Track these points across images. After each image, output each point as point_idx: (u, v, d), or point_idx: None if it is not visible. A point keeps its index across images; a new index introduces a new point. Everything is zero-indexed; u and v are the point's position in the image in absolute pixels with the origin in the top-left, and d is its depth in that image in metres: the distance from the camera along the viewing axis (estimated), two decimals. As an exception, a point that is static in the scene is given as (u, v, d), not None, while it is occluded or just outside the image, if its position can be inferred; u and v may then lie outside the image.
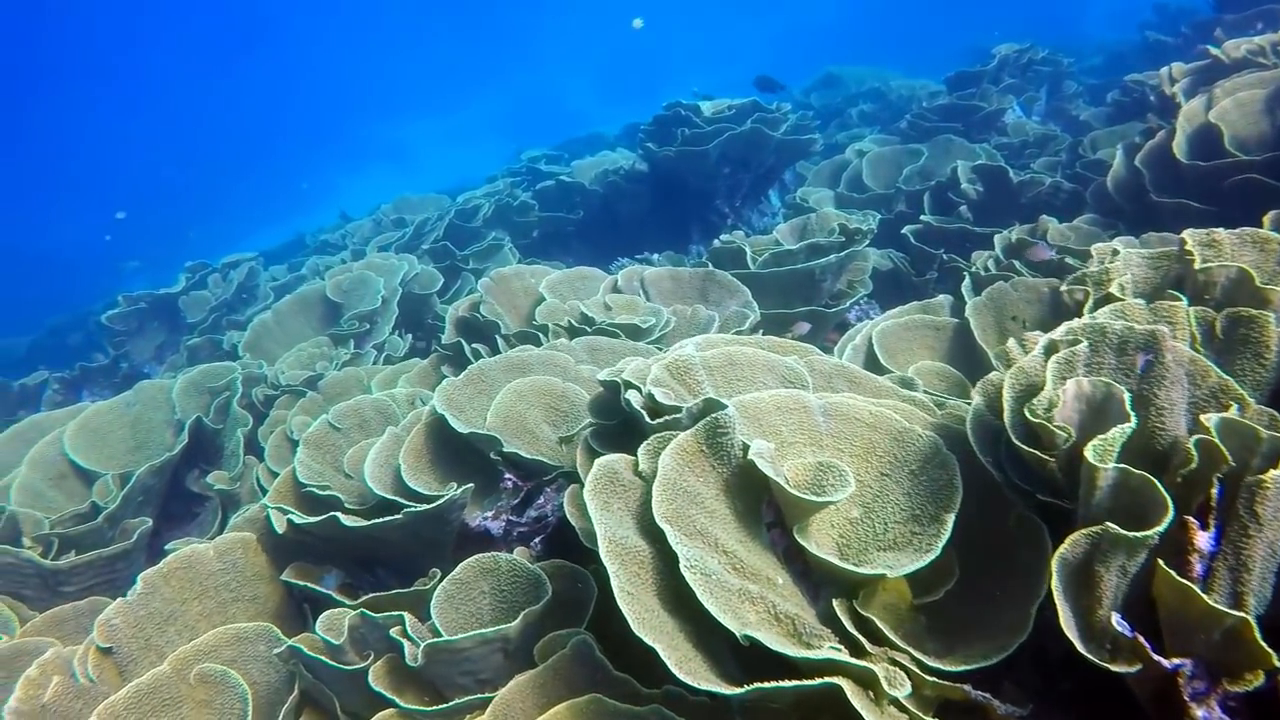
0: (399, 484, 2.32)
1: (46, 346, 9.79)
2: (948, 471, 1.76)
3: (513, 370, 2.60)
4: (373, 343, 3.95)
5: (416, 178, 18.34)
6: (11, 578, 2.87)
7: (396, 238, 5.58)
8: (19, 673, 2.53)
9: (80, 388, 6.35)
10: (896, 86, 9.31)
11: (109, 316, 5.99)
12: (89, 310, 10.06)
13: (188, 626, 2.29)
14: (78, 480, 3.63)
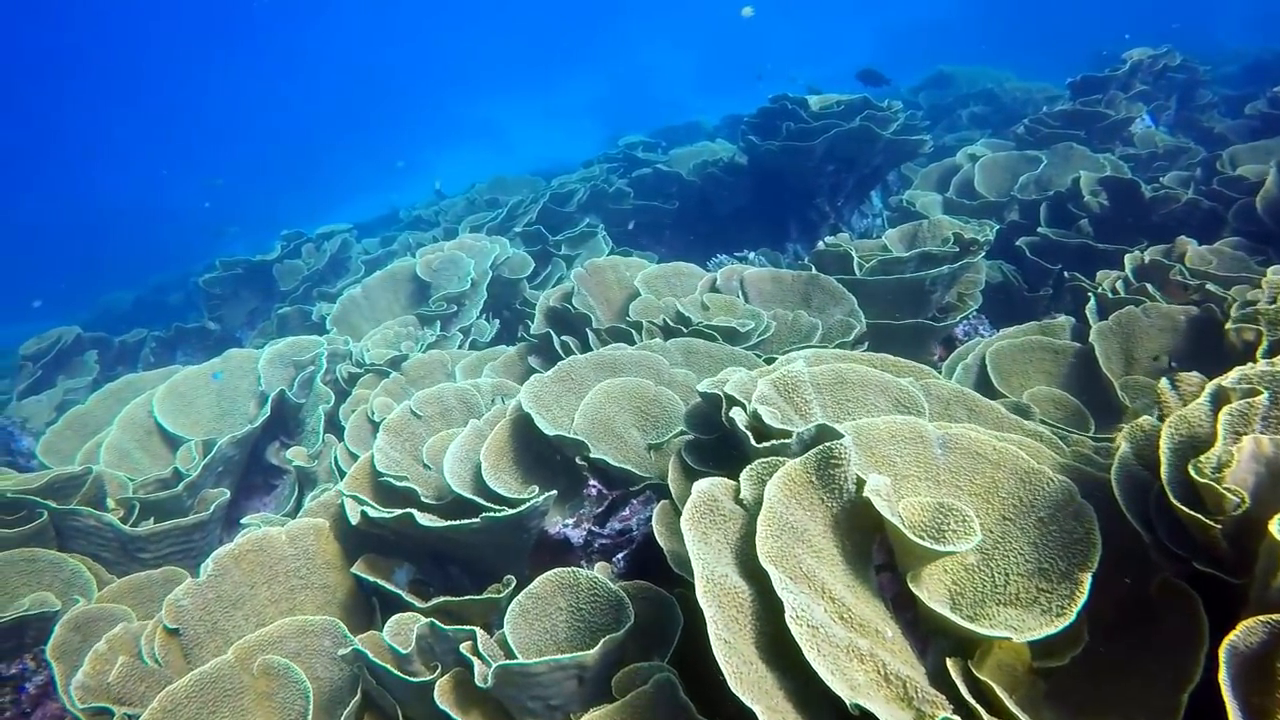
0: (478, 482, 2.22)
1: (150, 303, 10.08)
2: (1083, 524, 1.57)
3: (603, 369, 2.47)
4: (459, 325, 3.87)
5: (511, 157, 18.46)
6: (92, 540, 2.87)
7: (489, 218, 5.51)
8: (93, 638, 2.52)
9: (175, 348, 6.48)
10: (1011, 89, 8.90)
11: (205, 280, 6.08)
12: (190, 271, 10.35)
13: (255, 612, 2.22)
14: (163, 444, 3.64)
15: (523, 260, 4.39)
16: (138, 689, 1.93)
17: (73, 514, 2.78)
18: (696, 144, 7.37)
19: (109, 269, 15.53)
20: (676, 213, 6.01)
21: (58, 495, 2.86)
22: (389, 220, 9.84)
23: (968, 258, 3.52)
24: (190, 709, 1.85)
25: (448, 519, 2.29)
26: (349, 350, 3.72)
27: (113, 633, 2.09)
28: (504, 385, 2.79)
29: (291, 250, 6.26)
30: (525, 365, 3.15)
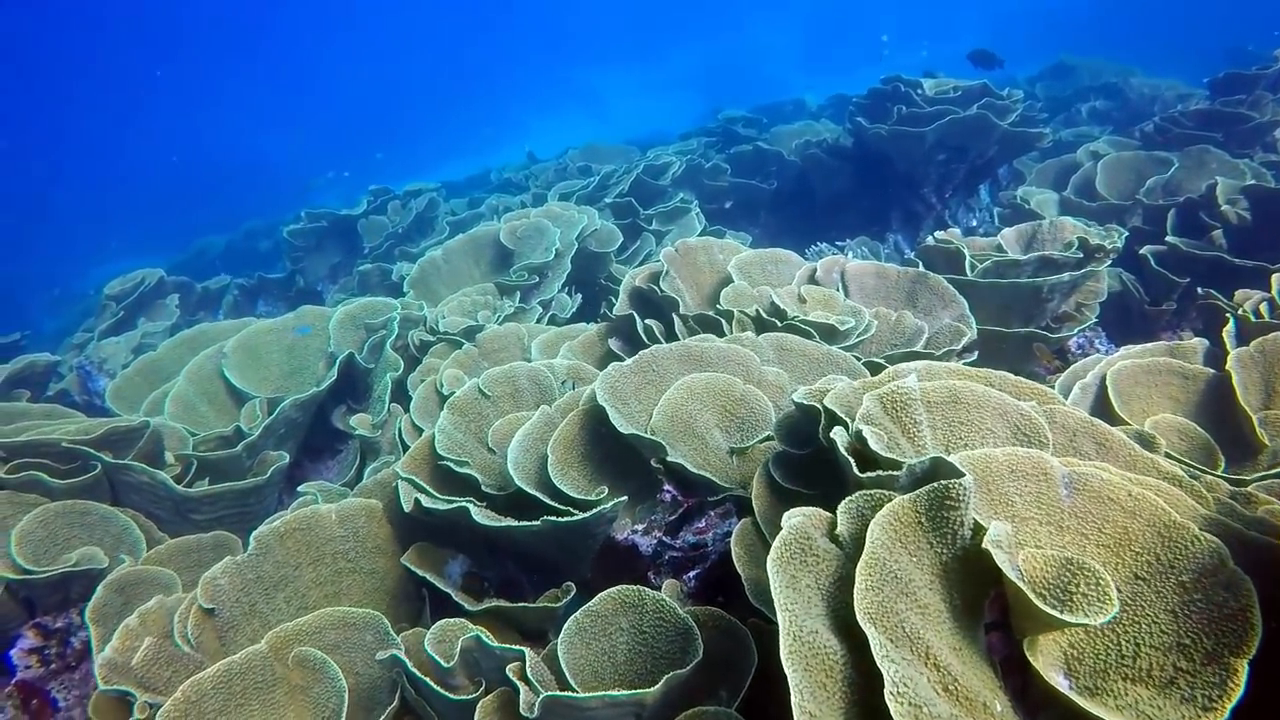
0: (543, 476, 2.02)
1: (240, 249, 10.20)
2: (1239, 598, 1.29)
3: (688, 362, 2.25)
4: (539, 298, 3.69)
5: (606, 125, 18.25)
6: (146, 496, 2.78)
7: (580, 186, 5.31)
8: (135, 600, 2.42)
9: (257, 297, 6.48)
10: (1138, 84, 8.31)
11: (290, 231, 6.04)
12: (280, 219, 10.43)
13: (297, 594, 2.08)
14: (230, 398, 3.55)
15: (611, 233, 4.18)
16: (163, 674, 1.80)
17: (126, 469, 2.69)
18: (799, 123, 7.05)
19: (207, 212, 15.86)
20: (774, 193, 5.73)
21: (115, 447, 2.78)
22: (480, 181, 9.74)
23: (1092, 265, 3.19)
24: (216, 701, 1.71)
25: (508, 512, 2.11)
26: (423, 316, 3.57)
27: (146, 607, 1.96)
28: (580, 369, 2.59)
29: (378, 206, 6.18)
30: (604, 348, 2.94)
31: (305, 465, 3.59)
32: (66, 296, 13.43)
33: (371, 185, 6.39)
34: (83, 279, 16.14)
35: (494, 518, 1.92)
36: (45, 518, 2.61)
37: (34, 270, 17.40)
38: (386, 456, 3.03)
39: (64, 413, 3.54)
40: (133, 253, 16.36)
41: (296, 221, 6.14)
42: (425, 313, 3.62)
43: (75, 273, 16.91)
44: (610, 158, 6.61)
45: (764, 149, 5.84)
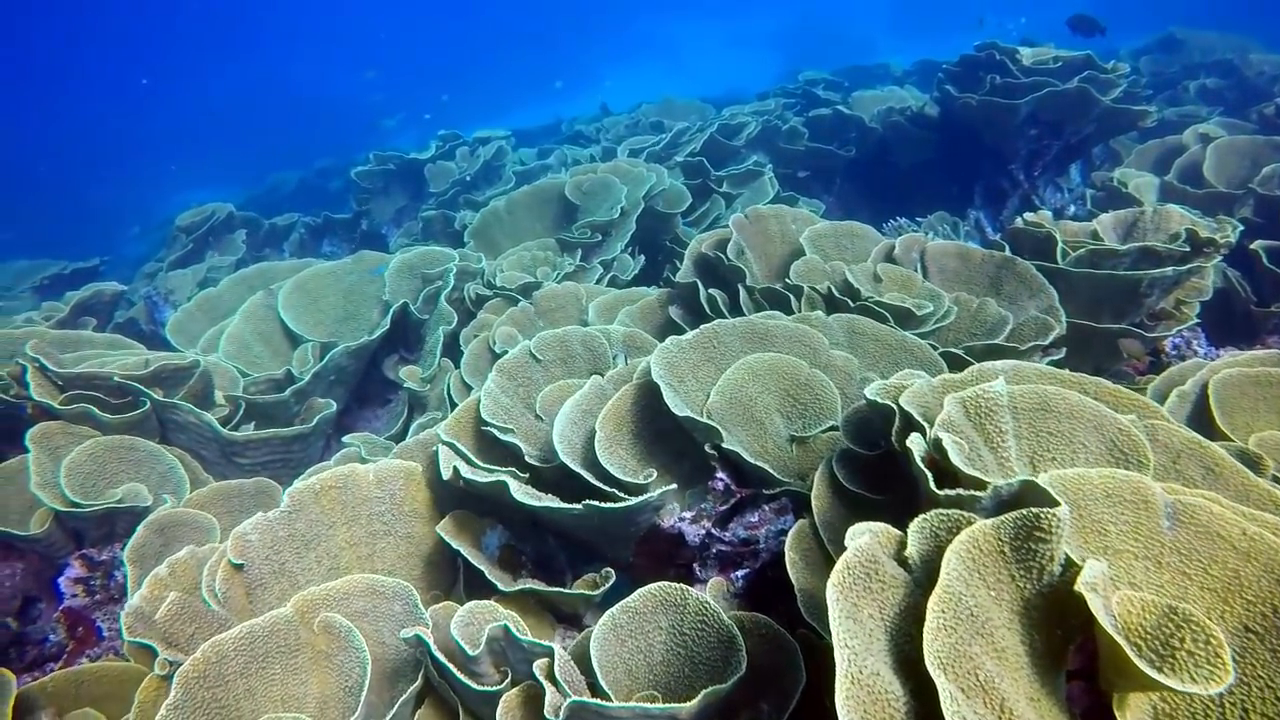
0: (589, 453, 1.91)
1: (312, 187, 10.24)
2: None
3: (752, 340, 2.11)
4: (601, 257, 3.56)
5: (683, 80, 17.86)
6: (192, 436, 2.75)
7: (650, 143, 5.15)
8: (174, 542, 2.39)
9: (323, 236, 6.46)
10: (1257, 62, 7.77)
11: (357, 173, 5.99)
12: (352, 159, 10.44)
13: (329, 554, 2.01)
14: (284, 339, 3.51)
15: (679, 193, 4.03)
16: (186, 630, 1.75)
17: (174, 408, 2.65)
18: (883, 88, 6.74)
19: (283, 148, 16.01)
20: (852, 161, 5.49)
21: (165, 384, 2.75)
22: (551, 130, 9.60)
23: (1200, 260, 2.94)
24: (237, 663, 1.65)
25: (551, 486, 2.01)
26: (481, 269, 3.47)
27: (177, 556, 1.91)
28: (636, 337, 2.47)
29: (446, 151, 6.09)
30: (664, 316, 2.81)
31: (355, 411, 3.55)
32: (149, 224, 13.70)
33: (441, 130, 6.31)
34: (165, 206, 16.47)
35: (533, 495, 1.82)
36: (94, 451, 2.60)
37: (121, 196, 17.84)
38: (434, 412, 2.96)
39: (125, 343, 3.54)
40: (213, 183, 16.65)
41: (365, 163, 6.08)
42: (483, 265, 3.52)
43: (159, 199, 17.29)
44: (684, 114, 6.41)
45: (844, 114, 5.58)
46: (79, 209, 16.30)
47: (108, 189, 18.51)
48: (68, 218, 15.71)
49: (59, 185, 19.02)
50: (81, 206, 16.67)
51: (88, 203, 17.19)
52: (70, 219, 15.52)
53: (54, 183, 19.22)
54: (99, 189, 18.49)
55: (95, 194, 18.16)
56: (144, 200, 17.62)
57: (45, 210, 16.75)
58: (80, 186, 18.79)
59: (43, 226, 15.11)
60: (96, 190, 18.49)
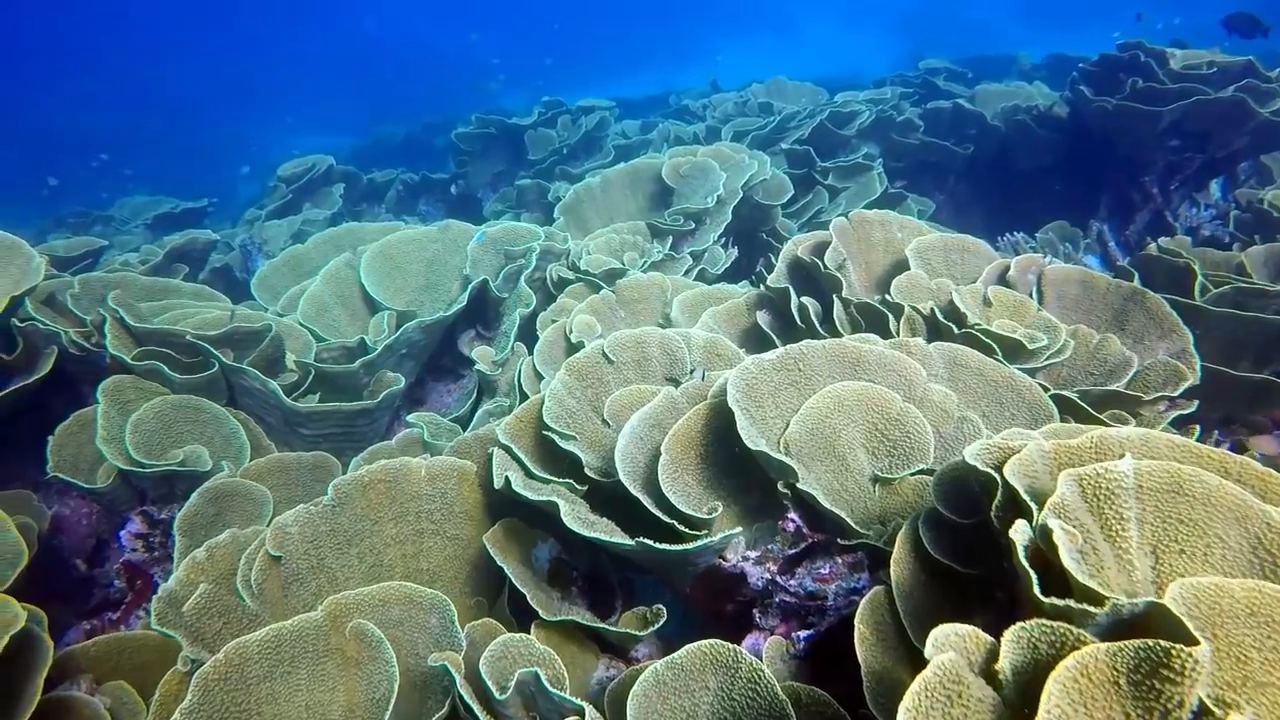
0: (651, 473, 1.76)
1: (418, 142, 10.29)
2: None
3: (841, 365, 1.92)
4: (691, 247, 3.39)
5: (797, 59, 17.40)
6: (258, 401, 2.71)
7: (756, 126, 4.93)
8: (227, 512, 2.35)
9: (419, 195, 6.45)
10: None
11: (457, 135, 5.93)
12: (457, 117, 10.45)
13: (373, 550, 1.92)
14: (364, 304, 3.45)
15: (781, 184, 3.82)
16: (213, 625, 1.68)
17: (241, 372, 2.61)
18: (1009, 83, 6.33)
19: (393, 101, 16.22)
20: (968, 159, 5.17)
21: (236, 346, 2.71)
22: (658, 102, 9.41)
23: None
24: (261, 666, 1.57)
25: (611, 503, 1.88)
26: (566, 249, 3.34)
27: (216, 540, 1.85)
28: (718, 345, 2.30)
29: (548, 119, 5.98)
30: (750, 320, 2.63)
31: (428, 383, 3.48)
32: (260, 165, 14.03)
33: (545, 96, 6.19)
34: (278, 149, 16.90)
35: (585, 522, 1.69)
36: (161, 409, 2.58)
37: (240, 136, 18.39)
38: (502, 399, 2.85)
39: (210, 294, 3.54)
40: (326, 130, 16.99)
41: (466, 125, 6.02)
42: (569, 245, 3.39)
43: (274, 141, 17.76)
44: (795, 97, 6.14)
45: (964, 109, 5.25)
46: (201, 147, 16.85)
47: (228, 129, 19.10)
48: (189, 155, 16.27)
49: (185, 123, 19.69)
50: (203, 145, 17.22)
51: (209, 142, 17.76)
52: (191, 157, 16.07)
53: (180, 121, 19.90)
54: (220, 129, 19.09)
55: (216, 134, 18.76)
56: (259, 141, 18.13)
57: (170, 147, 17.38)
58: (204, 126, 19.42)
59: (165, 163, 15.68)
60: (217, 130, 19.10)
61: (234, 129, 19.17)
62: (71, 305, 2.96)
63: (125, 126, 19.12)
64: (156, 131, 18.87)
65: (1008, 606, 1.35)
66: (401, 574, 1.96)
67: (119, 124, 19.32)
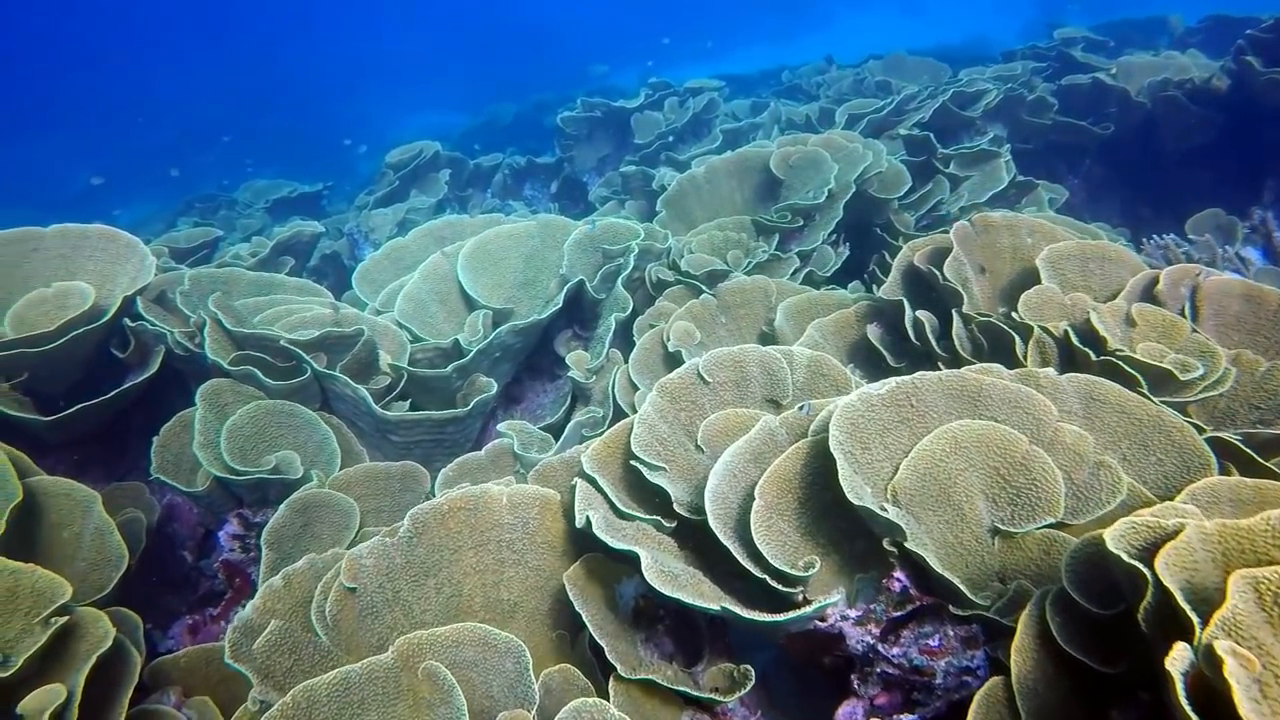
0: (743, 518, 1.62)
1: (528, 121, 10.27)
2: None
3: (960, 400, 1.73)
4: (799, 246, 3.20)
5: (920, 27, 16.65)
6: (349, 406, 2.68)
7: (872, 108, 4.65)
8: (314, 523, 2.32)
9: (525, 180, 6.40)
10: None
11: (563, 118, 5.83)
12: (568, 95, 10.38)
13: (451, 580, 1.84)
14: (461, 301, 3.40)
15: (898, 175, 3.57)
16: (284, 662, 1.63)
17: (331, 379, 2.58)
18: (1158, 53, 5.83)
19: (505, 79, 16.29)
20: (1109, 140, 4.76)
21: (330, 351, 2.68)
22: (770, 78, 9.11)
23: None
24: (329, 709, 1.51)
25: (700, 543, 1.75)
26: (667, 247, 3.20)
27: (294, 568, 1.80)
28: (822, 364, 2.13)
29: (654, 101, 5.81)
30: (860, 334, 2.44)
31: (525, 381, 3.41)
32: (377, 145, 14.34)
33: (651, 78, 6.03)
34: (394, 128, 17.28)
35: (667, 576, 1.55)
36: (256, 414, 2.58)
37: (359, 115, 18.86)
38: (595, 408, 2.74)
39: (313, 289, 3.55)
40: (442, 107, 17.26)
41: (571, 108, 5.92)
42: (670, 243, 3.24)
43: (390, 120, 18.15)
44: (915, 74, 5.80)
45: (1105, 84, 4.83)
46: (322, 127, 17.34)
47: (349, 107, 19.62)
48: (311, 135, 16.77)
49: (307, 103, 20.31)
50: (324, 125, 17.72)
51: (330, 121, 18.26)
52: (312, 136, 16.56)
53: (302, 100, 20.54)
54: (341, 108, 19.62)
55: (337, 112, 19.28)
56: (378, 119, 18.55)
57: (292, 127, 17.96)
58: (326, 105, 19.99)
59: (287, 144, 16.21)
60: (338, 109, 19.64)
61: (354, 108, 19.68)
62: (180, 303, 2.99)
63: (249, 108, 19.86)
64: (279, 112, 19.52)
65: (1154, 712, 1.16)
66: (481, 604, 1.88)
67: (243, 106, 20.08)
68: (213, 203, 7.91)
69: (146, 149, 17.26)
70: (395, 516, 2.49)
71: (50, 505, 2.31)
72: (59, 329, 2.61)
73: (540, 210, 6.15)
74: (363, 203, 6.06)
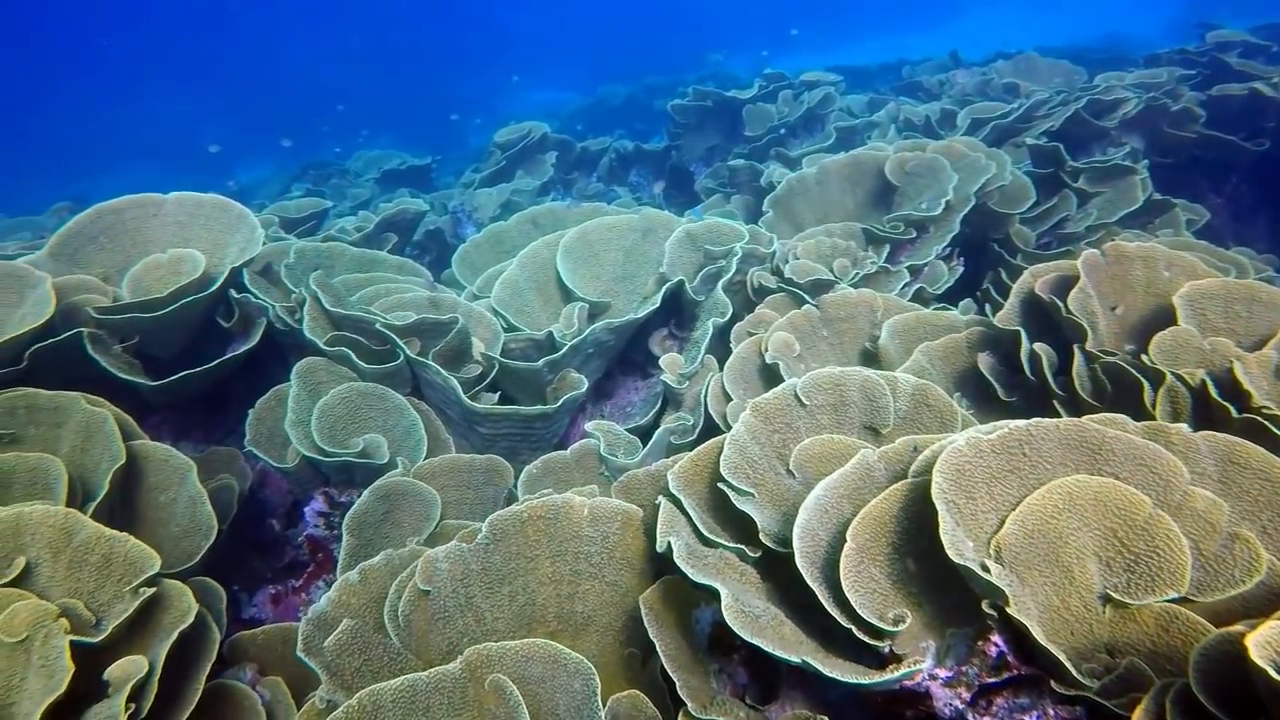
0: (832, 559, 1.53)
1: (638, 103, 10.23)
2: None
3: (1079, 452, 1.59)
4: (910, 260, 3.05)
5: (1053, 20, 15.92)
6: (439, 393, 2.67)
7: (998, 112, 4.43)
8: (396, 510, 2.33)
9: (631, 165, 6.35)
10: None
11: (674, 106, 5.75)
12: (681, 80, 10.28)
13: (525, 589, 1.80)
14: (558, 290, 3.37)
15: (1021, 189, 3.38)
16: (353, 663, 1.62)
17: (423, 366, 2.57)
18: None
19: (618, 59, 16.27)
20: (1260, 157, 4.41)
21: (424, 337, 2.68)
22: (890, 71, 8.85)
23: None
24: (394, 715, 1.49)
25: (787, 578, 1.67)
26: (771, 251, 3.10)
27: (370, 563, 1.79)
28: (927, 394, 2.01)
29: (768, 93, 5.68)
30: (970, 362, 2.30)
31: (616, 376, 3.37)
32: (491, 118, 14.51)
33: (766, 69, 5.89)
34: (509, 102, 17.47)
35: (748, 618, 1.48)
36: (348, 395, 2.61)
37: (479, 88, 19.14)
38: (685, 415, 2.67)
39: (414, 269, 3.58)
40: (556, 84, 17.37)
41: (682, 96, 5.83)
42: (775, 247, 3.14)
43: (507, 95, 18.37)
44: (1046, 76, 5.51)
45: (1264, 96, 4.48)
46: (437, 98, 17.66)
47: (465, 81, 19.92)
48: (426, 106, 17.09)
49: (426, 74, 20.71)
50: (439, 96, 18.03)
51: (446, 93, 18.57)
52: (427, 107, 16.87)
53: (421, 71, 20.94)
54: (457, 80, 19.94)
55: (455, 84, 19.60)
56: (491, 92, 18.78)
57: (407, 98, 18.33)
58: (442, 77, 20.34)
59: (402, 114, 16.55)
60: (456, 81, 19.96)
61: (471, 80, 19.96)
62: (284, 276, 3.04)
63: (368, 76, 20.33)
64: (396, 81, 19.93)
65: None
66: (555, 615, 1.84)
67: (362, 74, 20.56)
68: (325, 170, 8.11)
69: (270, 111, 17.87)
70: (476, 509, 2.48)
71: (149, 469, 2.37)
72: (170, 295, 2.67)
73: (644, 197, 6.10)
74: (469, 180, 6.11)
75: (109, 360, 2.57)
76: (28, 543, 1.78)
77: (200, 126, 18.55)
